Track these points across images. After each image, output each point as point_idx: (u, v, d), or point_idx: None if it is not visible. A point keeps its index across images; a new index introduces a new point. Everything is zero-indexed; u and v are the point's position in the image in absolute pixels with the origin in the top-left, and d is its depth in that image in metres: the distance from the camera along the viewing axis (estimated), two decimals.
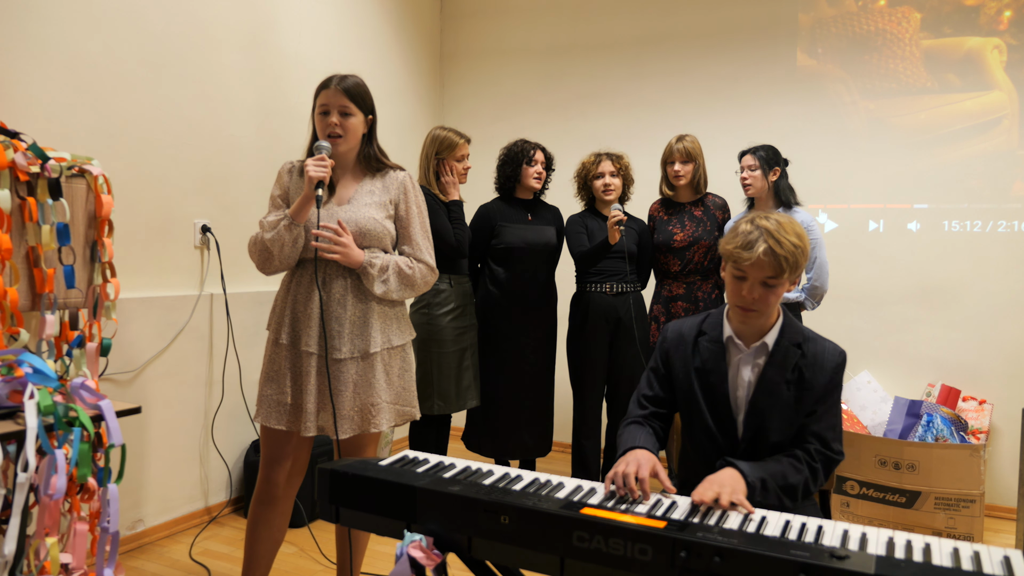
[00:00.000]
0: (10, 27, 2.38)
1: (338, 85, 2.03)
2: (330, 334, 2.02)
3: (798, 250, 1.60)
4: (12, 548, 1.66)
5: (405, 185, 2.13)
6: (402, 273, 2.08)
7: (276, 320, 2.09)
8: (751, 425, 1.70)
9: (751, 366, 1.71)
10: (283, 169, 2.13)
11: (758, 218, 1.64)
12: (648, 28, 4.13)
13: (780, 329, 1.71)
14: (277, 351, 2.07)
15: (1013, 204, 3.40)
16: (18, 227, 2.08)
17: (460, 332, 3.04)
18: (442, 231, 2.92)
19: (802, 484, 1.63)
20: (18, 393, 1.81)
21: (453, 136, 3.01)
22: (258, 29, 3.29)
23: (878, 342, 3.62)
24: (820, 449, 1.67)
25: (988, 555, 1.18)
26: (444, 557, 1.39)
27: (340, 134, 2.03)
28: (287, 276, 2.11)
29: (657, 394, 1.82)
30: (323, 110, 2.04)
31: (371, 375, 2.06)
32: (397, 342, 2.12)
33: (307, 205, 1.98)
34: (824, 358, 1.69)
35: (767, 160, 3.10)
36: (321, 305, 2.00)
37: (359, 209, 2.06)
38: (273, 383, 2.07)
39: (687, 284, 3.23)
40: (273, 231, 2.00)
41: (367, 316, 2.06)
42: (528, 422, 3.22)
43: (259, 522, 2.13)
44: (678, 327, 1.83)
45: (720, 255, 1.69)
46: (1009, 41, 3.38)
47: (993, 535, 3.17)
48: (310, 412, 2.02)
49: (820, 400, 1.68)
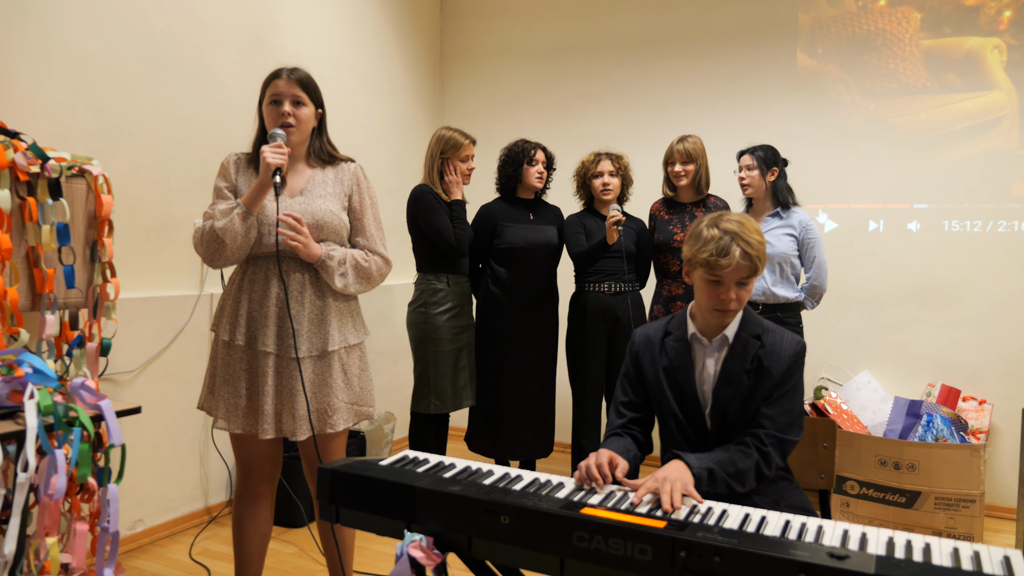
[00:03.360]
0: (10, 27, 2.38)
1: (290, 75, 1.99)
2: (289, 331, 1.95)
3: (763, 246, 1.66)
4: (12, 548, 1.66)
5: (358, 176, 2.10)
6: (359, 266, 2.04)
7: (228, 320, 2.00)
8: (716, 416, 1.73)
9: (714, 359, 1.75)
10: (227, 160, 2.05)
11: (720, 221, 1.66)
12: (648, 28, 4.13)
13: (740, 322, 1.75)
14: (230, 352, 1.99)
15: (1013, 204, 3.40)
16: (18, 227, 2.08)
17: (457, 332, 3.04)
18: (442, 230, 2.92)
19: (752, 469, 1.64)
20: (18, 393, 1.81)
21: (458, 136, 3.02)
22: (258, 29, 3.29)
23: (878, 342, 3.62)
24: (772, 432, 1.68)
25: (988, 555, 1.18)
26: (444, 557, 1.39)
27: (292, 123, 1.97)
28: (238, 274, 2.03)
29: (632, 399, 1.84)
30: (274, 99, 1.98)
31: (328, 375, 2.01)
32: (354, 340, 2.07)
33: (262, 193, 1.91)
34: (782, 347, 1.73)
35: (765, 160, 3.10)
36: (287, 299, 1.94)
37: (314, 201, 2.00)
38: (228, 386, 1.99)
39: (687, 284, 3.22)
40: (225, 219, 1.90)
41: (325, 313, 2.01)
42: (530, 423, 3.22)
43: (244, 519, 2.10)
44: (644, 331, 1.86)
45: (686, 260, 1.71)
46: (1009, 41, 3.38)
47: (993, 535, 3.17)
48: (268, 414, 1.95)
49: (777, 385, 1.71)
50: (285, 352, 1.96)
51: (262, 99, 2.03)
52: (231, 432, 2.01)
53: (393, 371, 4.24)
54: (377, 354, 4.12)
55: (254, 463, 2.07)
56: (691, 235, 1.70)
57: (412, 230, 3.07)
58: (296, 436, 1.97)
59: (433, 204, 2.95)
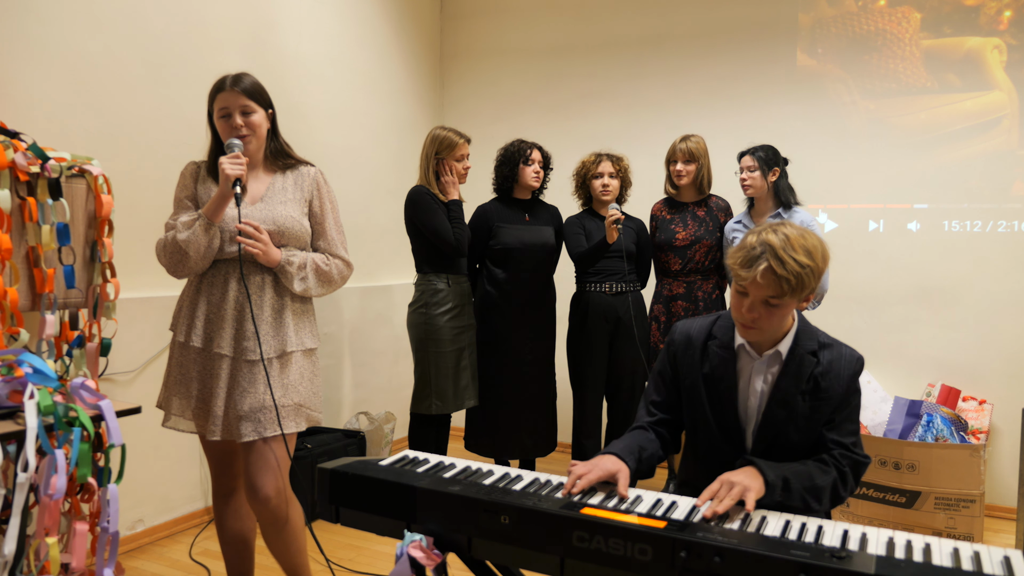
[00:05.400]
0: (10, 27, 2.38)
1: (233, 86, 1.98)
2: (245, 334, 1.96)
3: (805, 270, 1.48)
4: (12, 548, 1.66)
5: (317, 181, 2.10)
6: (319, 270, 2.05)
7: (185, 321, 2.01)
8: (764, 437, 1.63)
9: (763, 376, 1.64)
10: (186, 170, 2.07)
11: (766, 231, 1.53)
12: (648, 28, 4.13)
13: (795, 336, 1.63)
14: (185, 353, 2.00)
15: (1013, 204, 3.40)
16: (18, 227, 2.08)
17: (458, 332, 3.04)
18: (441, 231, 2.92)
19: (830, 486, 1.56)
20: (18, 393, 1.81)
21: (453, 136, 3.01)
22: (258, 29, 3.29)
23: (878, 342, 3.62)
24: (847, 454, 1.60)
25: (988, 555, 1.18)
26: (444, 557, 1.39)
27: (247, 133, 1.98)
28: (195, 276, 2.03)
29: (664, 399, 1.75)
30: (223, 113, 1.98)
31: (284, 377, 2.00)
32: (310, 344, 2.07)
33: (223, 204, 1.91)
34: (841, 366, 1.62)
35: (766, 161, 3.10)
36: (250, 301, 1.94)
37: (275, 207, 2.01)
38: (180, 386, 2.01)
39: (687, 283, 3.23)
40: (188, 231, 1.91)
41: (282, 316, 2.01)
42: (528, 422, 3.22)
43: (225, 516, 2.13)
44: (686, 329, 1.75)
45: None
46: (1009, 41, 3.38)
47: (993, 535, 3.17)
48: (217, 416, 1.96)
49: (837, 408, 1.62)
50: (240, 355, 1.97)
51: (211, 112, 2.03)
52: (181, 431, 2.03)
53: (392, 371, 4.24)
54: (376, 354, 4.12)
55: (224, 460, 2.10)
56: (741, 238, 1.62)
57: (410, 231, 3.06)
58: (242, 437, 1.95)
59: (431, 205, 2.95)
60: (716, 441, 1.67)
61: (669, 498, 1.45)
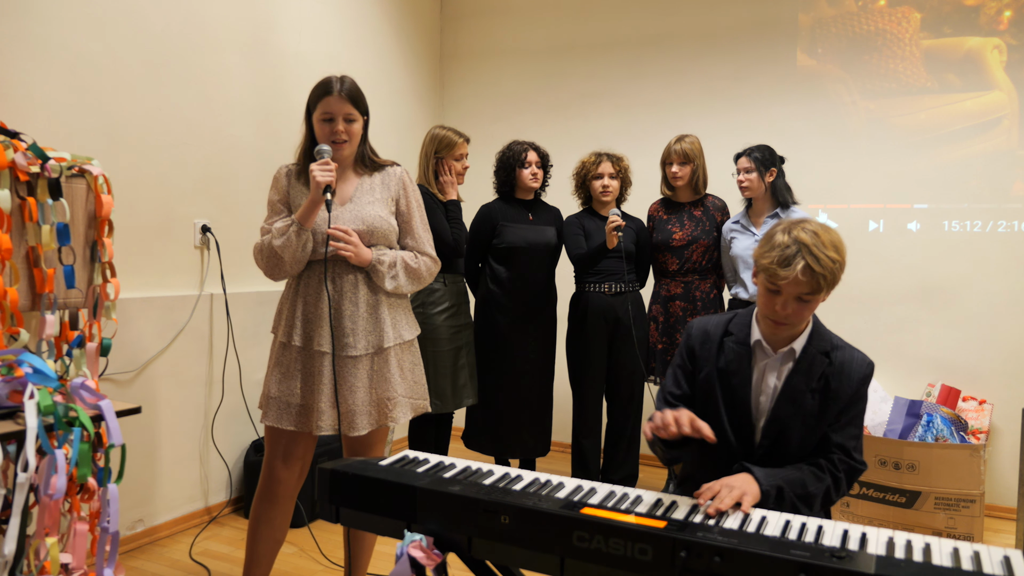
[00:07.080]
0: (10, 27, 2.38)
1: (340, 92, 2.03)
2: (344, 332, 2.04)
3: (836, 265, 1.54)
4: (12, 548, 1.66)
5: (404, 180, 2.16)
6: (409, 267, 2.12)
7: (285, 322, 2.09)
8: (770, 433, 1.66)
9: (776, 372, 1.68)
10: (280, 173, 2.14)
11: (795, 228, 1.56)
12: (648, 28, 4.13)
13: (809, 336, 1.67)
14: (286, 353, 2.08)
15: (1013, 204, 3.40)
16: (18, 227, 2.08)
17: (455, 331, 3.04)
18: (440, 230, 2.92)
19: (822, 493, 1.59)
20: (18, 393, 1.81)
21: (452, 135, 3.01)
22: (258, 29, 3.29)
23: (878, 342, 3.62)
24: (843, 459, 1.64)
25: (988, 555, 1.18)
26: (444, 557, 1.39)
27: (346, 139, 2.06)
28: (294, 278, 2.12)
29: (684, 392, 1.78)
30: (326, 117, 2.04)
31: (386, 370, 2.09)
32: (408, 336, 2.16)
33: (314, 210, 2.00)
34: (851, 368, 1.66)
35: (763, 161, 3.10)
36: (330, 304, 2.02)
37: (364, 208, 2.07)
38: (283, 385, 2.07)
39: (685, 283, 3.23)
40: (283, 237, 2.01)
41: (378, 312, 2.08)
42: (528, 421, 3.22)
43: (261, 520, 2.14)
44: (703, 325, 1.79)
45: (754, 262, 1.64)
46: (1009, 41, 3.38)
47: (993, 535, 3.17)
48: (323, 411, 2.03)
49: (844, 410, 1.65)
50: (340, 351, 2.04)
51: (311, 109, 2.08)
52: (281, 428, 2.07)
53: None
54: None
55: (287, 463, 2.12)
56: (765, 237, 1.62)
57: None
58: (356, 430, 2.04)
59: (430, 205, 2.95)
60: (726, 435, 1.69)
61: (669, 498, 1.45)
